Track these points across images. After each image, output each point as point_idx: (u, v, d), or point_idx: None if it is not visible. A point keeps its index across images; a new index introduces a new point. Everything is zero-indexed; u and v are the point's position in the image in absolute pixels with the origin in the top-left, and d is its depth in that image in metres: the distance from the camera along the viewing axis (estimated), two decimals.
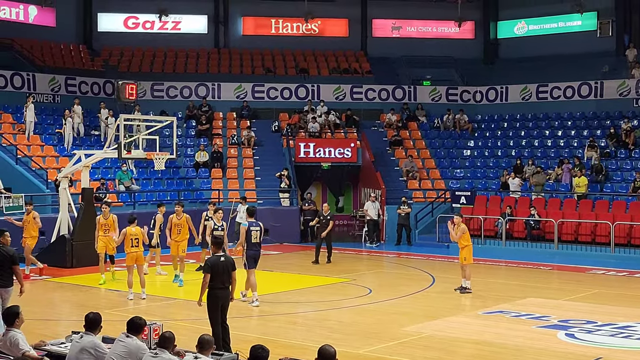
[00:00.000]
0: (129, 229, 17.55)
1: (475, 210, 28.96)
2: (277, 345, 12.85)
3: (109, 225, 20.07)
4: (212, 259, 12.58)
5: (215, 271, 12.36)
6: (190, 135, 34.42)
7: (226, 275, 12.47)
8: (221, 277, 12.42)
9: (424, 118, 36.99)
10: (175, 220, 20.19)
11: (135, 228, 17.61)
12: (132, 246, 17.47)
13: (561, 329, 14.70)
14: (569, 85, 35.40)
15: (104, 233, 19.98)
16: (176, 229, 20.14)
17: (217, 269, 12.38)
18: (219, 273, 12.39)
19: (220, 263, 12.46)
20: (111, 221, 20.16)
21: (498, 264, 24.55)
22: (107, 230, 20.00)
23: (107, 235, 20.00)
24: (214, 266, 12.40)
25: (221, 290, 12.48)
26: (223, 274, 12.44)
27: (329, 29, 40.25)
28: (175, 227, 20.18)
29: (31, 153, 28.89)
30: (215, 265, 12.40)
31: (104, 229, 20.02)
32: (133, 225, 17.63)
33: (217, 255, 12.64)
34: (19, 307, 9.80)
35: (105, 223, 20.09)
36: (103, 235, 19.98)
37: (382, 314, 16.45)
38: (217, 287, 12.43)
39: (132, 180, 29.19)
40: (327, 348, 7.72)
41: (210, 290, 12.44)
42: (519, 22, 39.62)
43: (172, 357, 8.68)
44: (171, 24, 38.93)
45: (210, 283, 12.38)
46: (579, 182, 29.06)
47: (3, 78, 31.67)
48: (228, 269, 12.51)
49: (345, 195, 35.27)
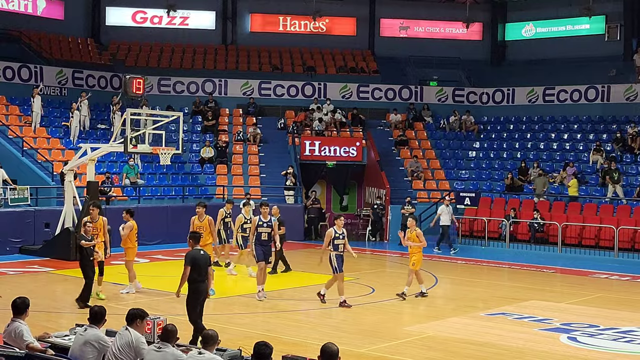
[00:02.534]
0: (134, 222, 17.56)
1: (479, 212, 28.95)
2: (280, 342, 12.87)
3: (98, 229, 17.07)
4: (193, 252, 12.82)
5: (196, 264, 12.61)
6: (196, 131, 34.46)
7: (205, 269, 12.75)
8: (201, 270, 12.67)
9: (430, 118, 37.00)
10: (197, 223, 18.72)
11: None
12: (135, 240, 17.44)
13: (563, 332, 14.69)
14: (576, 88, 35.37)
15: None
16: None
17: (198, 262, 12.63)
18: (200, 266, 12.65)
19: (200, 257, 12.75)
20: (101, 224, 17.21)
21: (501, 266, 24.55)
22: (97, 235, 16.96)
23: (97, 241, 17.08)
24: (195, 259, 12.64)
25: (202, 283, 12.73)
26: (202, 268, 12.70)
27: (337, 27, 40.26)
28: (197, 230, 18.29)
29: (37, 145, 28.95)
30: (196, 259, 12.64)
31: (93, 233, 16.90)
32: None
33: (197, 249, 12.94)
34: (29, 300, 9.86)
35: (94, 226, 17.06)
36: None
37: (384, 314, 16.46)
38: (199, 280, 12.68)
39: (138, 175, 29.24)
40: (329, 346, 7.73)
41: (192, 284, 12.67)
42: (527, 25, 39.59)
43: (175, 351, 8.68)
44: (179, 19, 38.97)
45: (192, 276, 12.61)
46: (570, 184, 29.13)
47: (10, 70, 31.75)
48: (206, 263, 12.83)
49: (349, 194, 35.28)
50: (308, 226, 30.23)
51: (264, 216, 17.55)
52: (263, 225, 17.45)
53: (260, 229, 17.42)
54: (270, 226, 17.57)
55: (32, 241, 24.03)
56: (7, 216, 23.85)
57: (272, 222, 17.67)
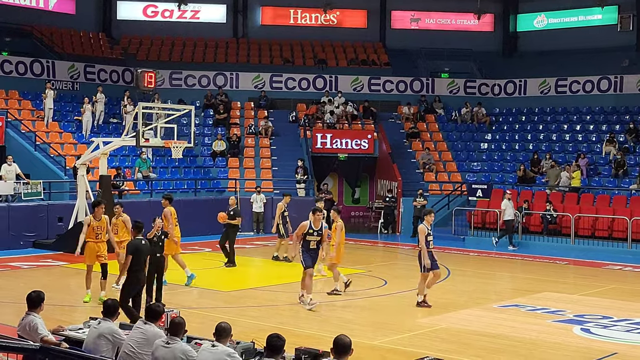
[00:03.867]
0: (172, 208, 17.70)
1: (491, 204, 28.88)
2: (293, 334, 12.88)
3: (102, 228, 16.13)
4: (135, 242, 13.48)
5: (137, 254, 13.22)
6: (208, 125, 34.51)
7: (145, 258, 13.42)
8: (141, 260, 13.32)
9: (442, 110, 36.93)
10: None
11: None
12: None
13: (577, 323, 14.67)
14: (589, 79, 35.23)
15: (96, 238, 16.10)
16: None
17: (138, 252, 13.29)
18: (140, 256, 13.28)
19: (142, 246, 13.38)
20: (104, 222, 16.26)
21: (514, 258, 24.50)
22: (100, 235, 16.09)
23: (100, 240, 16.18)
24: (137, 249, 13.30)
25: (140, 272, 13.35)
26: (143, 257, 13.39)
27: (348, 20, 40.20)
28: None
29: (50, 140, 29.06)
30: (137, 249, 13.31)
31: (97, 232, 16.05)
32: None
33: (139, 239, 13.58)
34: (44, 294, 9.91)
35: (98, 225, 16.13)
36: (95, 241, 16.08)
37: (397, 306, 16.46)
38: (137, 269, 13.25)
39: (150, 169, 29.31)
40: (342, 337, 7.75)
41: (131, 272, 13.28)
42: (539, 15, 39.43)
43: (184, 346, 8.61)
44: (190, 12, 39.01)
45: (132, 265, 13.22)
46: (574, 175, 29.05)
47: (23, 65, 31.87)
48: (148, 252, 13.55)
49: (361, 186, 35.28)
50: None
51: (315, 223, 15.81)
52: (313, 233, 15.77)
53: (310, 237, 15.80)
54: (320, 234, 15.85)
55: (45, 235, 24.14)
56: (20, 210, 23.98)
57: (322, 230, 15.90)
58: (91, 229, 15.93)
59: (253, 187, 30.10)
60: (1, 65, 31.41)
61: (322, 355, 8.48)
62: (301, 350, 9.01)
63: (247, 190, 30.25)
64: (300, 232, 15.73)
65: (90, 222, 15.97)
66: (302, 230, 15.71)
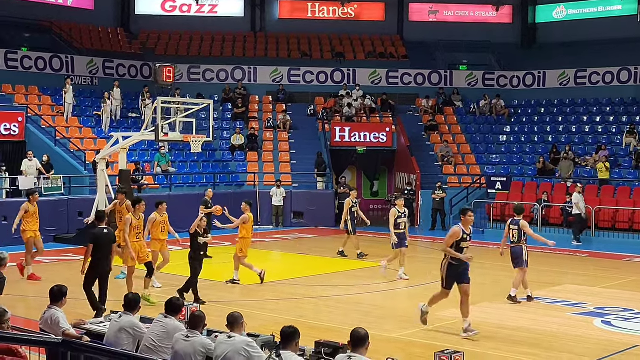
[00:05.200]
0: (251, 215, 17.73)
1: (510, 196, 28.79)
2: (312, 327, 12.93)
3: (141, 227, 15.74)
4: (96, 231, 13.84)
5: (97, 243, 13.55)
6: (227, 119, 34.59)
7: (107, 247, 13.68)
8: (102, 249, 13.60)
9: (460, 103, 36.82)
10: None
11: None
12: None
13: (597, 316, 14.61)
14: (608, 70, 35.00)
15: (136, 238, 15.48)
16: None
17: (99, 241, 13.61)
18: (101, 245, 13.60)
19: (103, 235, 13.67)
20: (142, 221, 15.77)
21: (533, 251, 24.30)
22: (140, 234, 15.56)
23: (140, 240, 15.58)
24: (97, 238, 13.65)
25: (101, 261, 13.62)
26: (104, 246, 13.63)
27: (366, 12, 40.12)
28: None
29: (69, 135, 29.23)
30: (97, 238, 13.66)
31: (137, 231, 15.49)
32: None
33: (101, 228, 13.95)
34: (67, 288, 10.01)
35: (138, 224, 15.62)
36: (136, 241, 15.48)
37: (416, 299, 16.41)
38: (98, 257, 13.55)
39: (169, 163, 29.42)
40: (358, 330, 7.81)
41: (92, 261, 13.62)
42: (558, 7, 39.17)
43: (204, 339, 8.68)
44: (208, 7, 39.07)
45: (94, 254, 13.55)
46: (601, 167, 28.84)
47: (42, 60, 32.05)
48: (110, 241, 13.79)
49: (380, 179, 35.25)
50: (339, 212, 30.22)
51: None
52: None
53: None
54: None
55: (66, 230, 24.30)
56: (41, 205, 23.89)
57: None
58: (132, 228, 15.26)
59: (271, 180, 30.16)
60: (21, 61, 31.61)
61: (343, 348, 8.50)
62: (321, 343, 9.04)
63: (266, 184, 30.33)
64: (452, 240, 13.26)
65: (131, 221, 15.29)
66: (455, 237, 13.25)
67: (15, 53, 31.57)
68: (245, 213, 17.51)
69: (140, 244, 15.50)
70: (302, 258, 21.98)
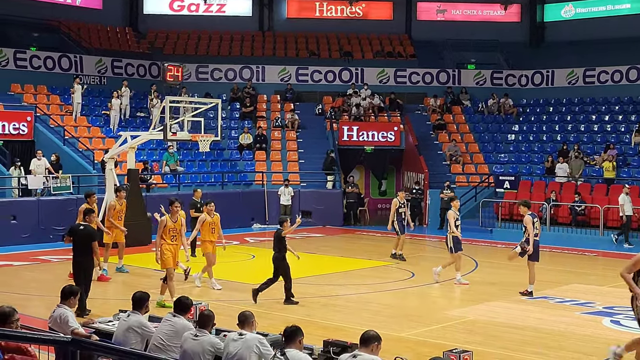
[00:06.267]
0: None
1: (519, 196, 28.70)
2: (320, 327, 12.95)
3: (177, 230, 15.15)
4: (74, 225, 14.30)
5: (73, 237, 13.99)
6: (235, 118, 34.62)
7: (83, 244, 13.83)
8: (78, 245, 13.90)
9: (468, 102, 36.76)
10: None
11: None
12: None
13: (606, 315, 14.58)
14: (617, 69, 34.89)
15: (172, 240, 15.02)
16: None
17: (74, 235, 13.98)
18: (76, 241, 13.99)
19: (79, 230, 13.97)
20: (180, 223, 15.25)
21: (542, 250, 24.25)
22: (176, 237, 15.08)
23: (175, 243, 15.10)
24: (72, 232, 14.10)
25: (80, 258, 13.87)
26: (80, 243, 13.89)
27: (373, 12, 40.09)
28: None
29: (78, 134, 29.30)
30: (73, 232, 14.08)
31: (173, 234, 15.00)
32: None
33: (78, 224, 14.42)
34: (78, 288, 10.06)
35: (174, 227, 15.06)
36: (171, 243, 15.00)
37: (424, 298, 16.46)
38: (77, 254, 13.85)
39: (177, 162, 29.46)
40: (368, 331, 7.84)
41: (73, 258, 14.00)
42: (566, 5, 39.06)
43: (212, 338, 8.70)
44: (216, 6, 39.09)
45: (73, 251, 13.96)
46: (607, 166, 28.76)
47: (51, 60, 32.12)
48: (86, 237, 13.93)
49: (388, 178, 35.24)
50: (347, 211, 30.26)
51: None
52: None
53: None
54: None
55: None
56: (50, 204, 24.21)
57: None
58: (167, 230, 14.78)
59: (279, 180, 30.17)
60: (30, 61, 31.68)
61: (351, 347, 8.51)
62: (329, 343, 9.06)
63: (274, 183, 30.34)
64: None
65: (165, 222, 14.82)
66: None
67: (24, 53, 31.64)
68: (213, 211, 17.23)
69: (176, 247, 14.96)
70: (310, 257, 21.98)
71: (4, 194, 25.22)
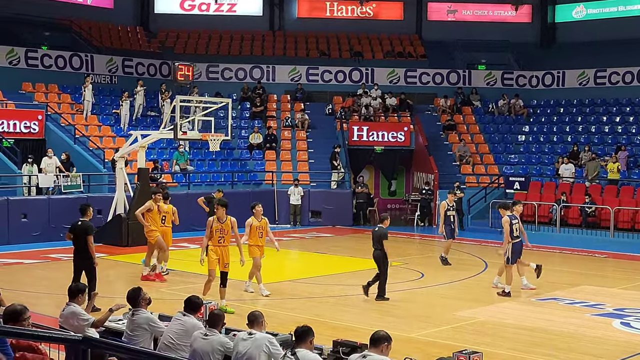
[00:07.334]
0: None
1: (529, 197, 28.68)
2: (329, 327, 12.95)
3: (225, 231, 14.62)
4: (73, 222, 14.50)
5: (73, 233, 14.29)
6: (245, 117, 34.65)
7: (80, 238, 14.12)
8: (77, 240, 14.20)
9: (479, 102, 36.70)
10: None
11: None
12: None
13: (616, 317, 14.52)
14: (628, 70, 34.77)
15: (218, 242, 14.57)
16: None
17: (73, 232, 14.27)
18: (76, 237, 14.20)
19: (77, 226, 14.24)
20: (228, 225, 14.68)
21: (552, 251, 24.29)
22: (223, 239, 14.57)
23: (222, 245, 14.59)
24: (73, 229, 14.32)
25: (76, 254, 14.25)
26: (78, 238, 14.19)
27: (384, 12, 40.08)
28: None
29: (89, 133, 29.38)
30: (74, 229, 14.30)
31: (220, 235, 14.57)
32: None
33: (77, 220, 14.50)
34: (86, 286, 10.10)
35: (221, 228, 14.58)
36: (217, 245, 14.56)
37: (434, 298, 16.43)
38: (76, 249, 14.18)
39: (187, 162, 29.51)
40: (378, 331, 7.84)
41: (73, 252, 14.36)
42: (578, 6, 38.96)
43: (222, 338, 8.72)
44: (227, 6, 39.15)
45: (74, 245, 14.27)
46: (611, 167, 28.66)
47: (62, 59, 32.23)
48: (82, 231, 14.16)
49: (397, 179, 35.21)
50: (357, 211, 30.26)
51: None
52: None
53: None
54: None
55: None
56: (60, 203, 24.28)
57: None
58: (213, 231, 14.45)
59: (289, 179, 30.19)
60: (41, 60, 31.80)
61: (360, 348, 8.51)
62: (339, 343, 9.05)
63: (284, 183, 30.36)
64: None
65: (212, 224, 14.52)
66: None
67: (35, 51, 31.75)
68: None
69: (224, 249, 14.55)
70: (320, 257, 21.98)
71: (15, 192, 25.30)
